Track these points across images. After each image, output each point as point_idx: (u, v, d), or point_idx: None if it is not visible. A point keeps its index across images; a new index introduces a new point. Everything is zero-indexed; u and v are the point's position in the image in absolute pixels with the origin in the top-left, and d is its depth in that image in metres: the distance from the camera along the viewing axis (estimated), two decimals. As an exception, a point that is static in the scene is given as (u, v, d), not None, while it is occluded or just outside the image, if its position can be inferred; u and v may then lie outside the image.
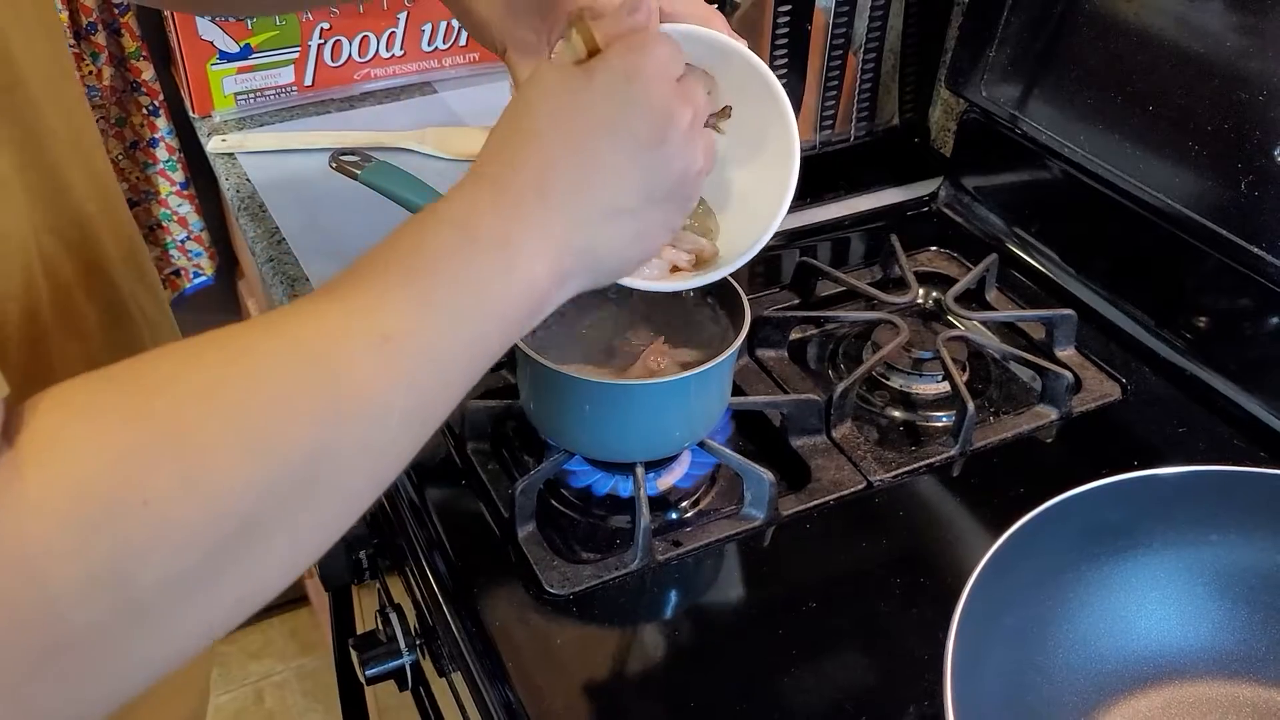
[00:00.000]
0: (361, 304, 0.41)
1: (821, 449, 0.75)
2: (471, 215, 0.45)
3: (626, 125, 0.47)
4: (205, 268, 1.30)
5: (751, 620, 0.64)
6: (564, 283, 0.47)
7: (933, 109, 1.12)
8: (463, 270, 0.43)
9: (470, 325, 0.43)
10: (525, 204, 0.45)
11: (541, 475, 0.69)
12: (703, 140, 0.50)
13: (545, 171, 0.46)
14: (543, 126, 0.47)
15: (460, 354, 0.43)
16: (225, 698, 1.78)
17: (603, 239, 0.48)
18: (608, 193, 0.47)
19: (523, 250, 0.45)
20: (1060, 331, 0.85)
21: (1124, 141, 0.83)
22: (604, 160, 0.47)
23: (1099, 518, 0.55)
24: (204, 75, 1.11)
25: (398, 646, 0.67)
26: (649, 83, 0.47)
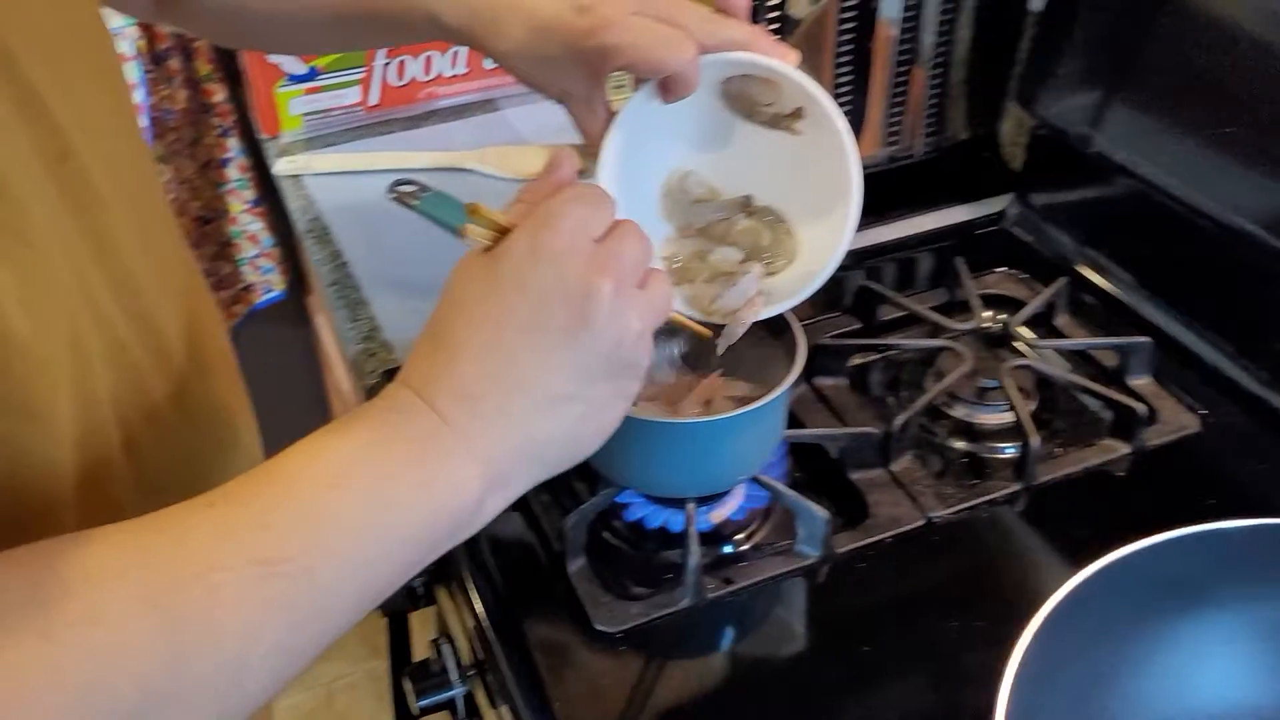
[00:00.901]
0: (242, 521, 0.39)
1: (879, 483, 0.74)
2: (388, 425, 0.44)
3: (542, 314, 0.45)
4: (276, 283, 1.32)
5: (801, 663, 0.63)
6: (503, 485, 0.46)
7: (1003, 123, 1.09)
8: (371, 484, 0.42)
9: (373, 545, 0.42)
10: (445, 412, 0.44)
11: (592, 509, 0.68)
12: (636, 301, 0.47)
13: (465, 375, 0.45)
14: (458, 327, 0.46)
15: (354, 578, 0.41)
16: (300, 697, 1.81)
17: (540, 431, 0.46)
18: (536, 386, 0.45)
19: (444, 461, 0.43)
20: (1134, 359, 0.81)
21: (1204, 160, 0.80)
22: (525, 355, 0.45)
23: (1164, 572, 0.53)
24: (271, 97, 1.13)
25: (448, 678, 0.67)
26: (558, 260, 0.45)
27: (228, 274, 1.31)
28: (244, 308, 1.34)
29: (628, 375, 0.49)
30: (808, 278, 0.63)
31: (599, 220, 0.48)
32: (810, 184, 0.63)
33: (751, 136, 0.64)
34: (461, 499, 0.44)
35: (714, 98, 0.63)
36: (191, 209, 1.24)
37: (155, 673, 0.36)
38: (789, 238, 0.65)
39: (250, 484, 0.41)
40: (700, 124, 0.65)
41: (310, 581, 0.40)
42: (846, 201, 0.60)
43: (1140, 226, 0.89)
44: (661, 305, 0.50)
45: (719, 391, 0.69)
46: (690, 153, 0.66)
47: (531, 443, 0.46)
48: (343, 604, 0.41)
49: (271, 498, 0.40)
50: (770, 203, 0.66)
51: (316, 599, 0.40)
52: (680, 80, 0.58)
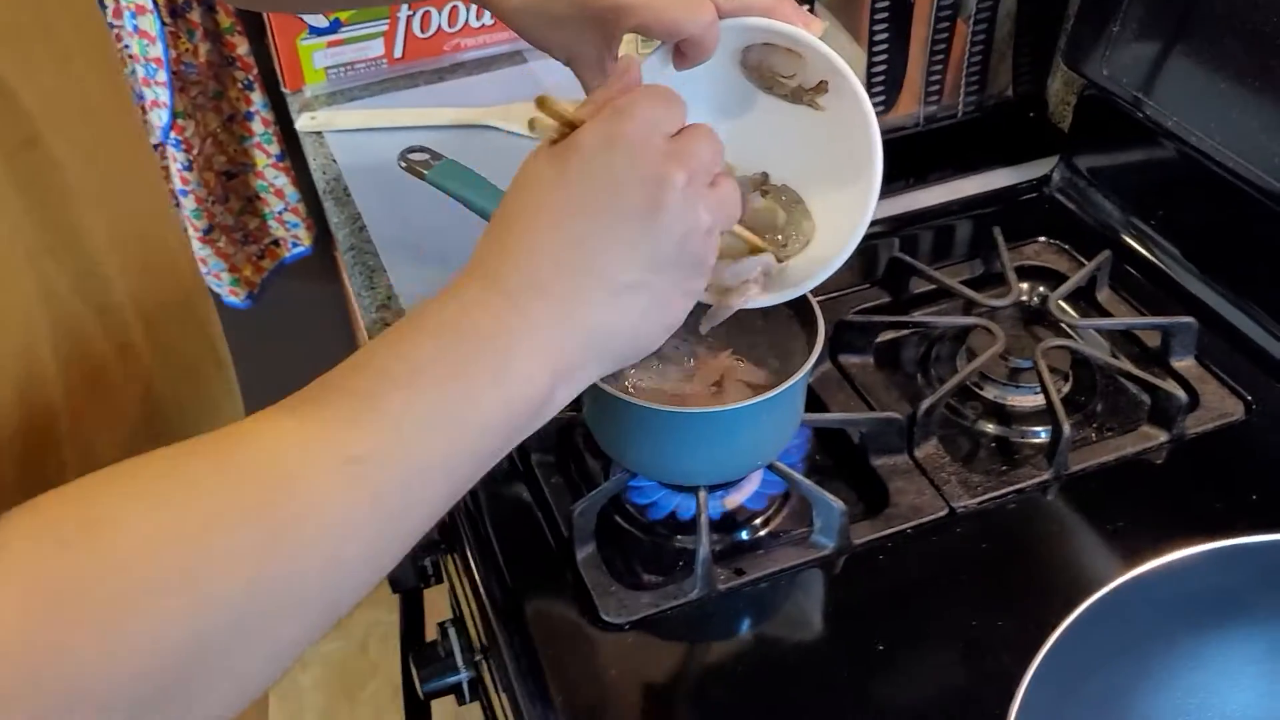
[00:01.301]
0: (325, 421, 0.39)
1: (902, 469, 0.71)
2: (457, 319, 0.43)
3: (612, 199, 0.44)
4: (303, 238, 1.31)
5: (814, 660, 0.61)
6: (571, 377, 0.45)
7: (1051, 80, 1.04)
8: (445, 381, 0.41)
9: (452, 441, 0.41)
10: (515, 302, 0.43)
11: (602, 496, 0.66)
12: (706, 197, 0.47)
13: (533, 263, 0.44)
14: (529, 217, 0.45)
15: (439, 472, 0.41)
16: (331, 646, 1.84)
17: (608, 321, 0.45)
18: (605, 273, 0.45)
19: (514, 353, 0.43)
20: (1178, 341, 0.77)
21: (1261, 131, 0.75)
22: (594, 241, 0.44)
23: (1195, 586, 0.50)
24: (294, 50, 1.11)
25: (455, 662, 0.66)
26: (632, 149, 0.45)
27: (255, 228, 1.30)
28: (271, 262, 1.33)
29: (694, 270, 0.48)
30: (818, 265, 0.60)
31: (672, 119, 0.47)
32: (829, 163, 0.59)
33: (771, 111, 0.61)
34: (533, 390, 0.43)
35: (733, 67, 0.60)
36: (217, 163, 1.23)
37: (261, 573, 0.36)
38: (806, 219, 0.61)
39: (326, 386, 0.41)
40: (717, 94, 0.61)
41: (397, 477, 0.40)
42: (867, 187, 0.57)
43: (1190, 198, 0.84)
44: (731, 206, 0.49)
45: (731, 373, 0.66)
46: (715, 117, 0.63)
47: (599, 332, 0.45)
48: (429, 496, 0.41)
49: (348, 398, 0.40)
50: (787, 181, 0.63)
51: (403, 494, 0.40)
52: (697, 44, 0.54)
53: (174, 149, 1.15)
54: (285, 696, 1.80)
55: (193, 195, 1.19)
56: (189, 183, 1.18)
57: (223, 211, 1.25)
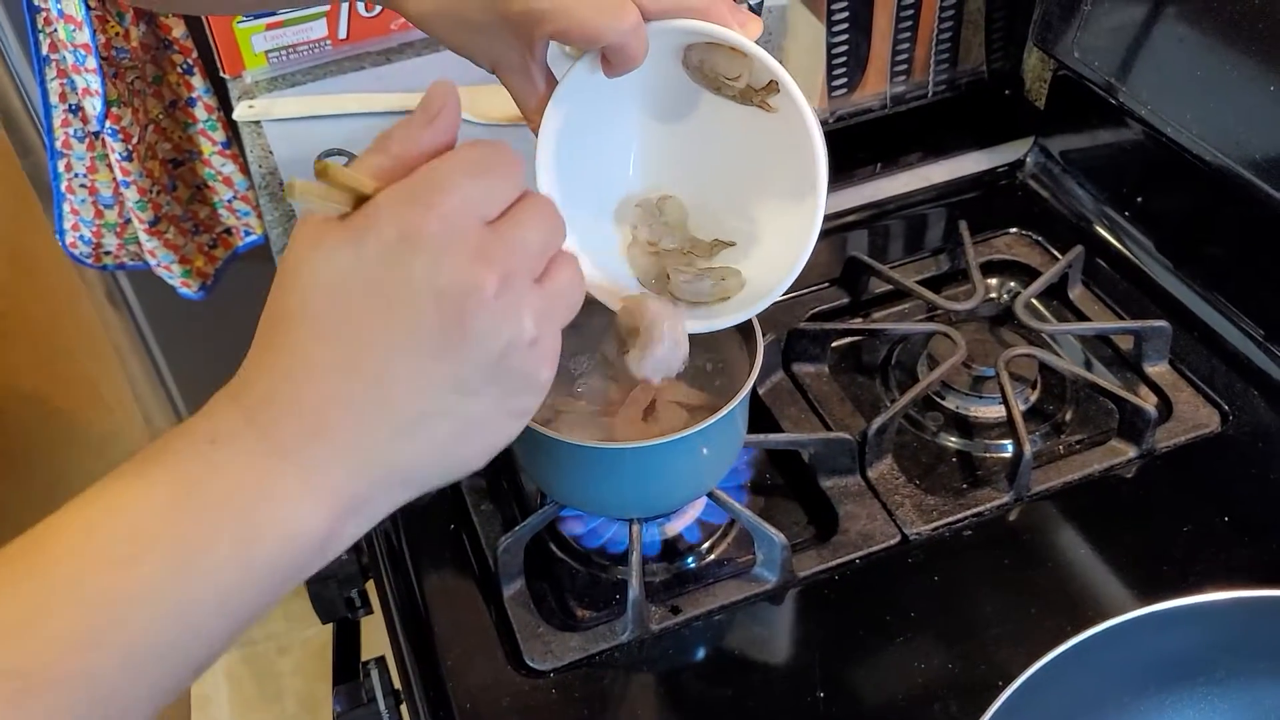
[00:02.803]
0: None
1: (853, 492, 0.67)
2: (207, 461, 0.35)
3: (406, 317, 0.36)
4: (255, 226, 1.26)
5: (750, 711, 0.57)
6: (361, 511, 0.38)
7: (1027, 55, 0.98)
8: (172, 551, 0.34)
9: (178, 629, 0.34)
10: (283, 437, 0.36)
11: (529, 530, 0.62)
12: (531, 300, 0.38)
13: (305, 399, 0.36)
14: (298, 326, 0.37)
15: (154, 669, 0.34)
16: (310, 632, 1.82)
17: (403, 457, 0.38)
18: (397, 406, 0.37)
19: (275, 506, 0.36)
20: (1151, 345, 0.73)
21: (1237, 121, 0.69)
22: (383, 369, 0.36)
23: (1148, 646, 0.46)
24: (231, 34, 1.05)
25: (377, 707, 0.63)
26: (433, 250, 0.36)
27: (205, 217, 1.25)
28: (225, 251, 1.28)
29: (520, 389, 0.39)
30: (763, 282, 0.56)
31: (496, 195, 0.38)
32: (783, 167, 0.55)
33: (719, 113, 0.56)
34: (303, 542, 0.37)
35: (675, 67, 0.55)
36: (161, 150, 1.17)
37: None
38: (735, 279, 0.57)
39: (12, 568, 0.33)
40: (659, 96, 0.56)
41: (86, 689, 0.33)
42: (811, 211, 0.52)
43: (1165, 188, 0.79)
44: (567, 302, 0.40)
45: (664, 394, 0.62)
46: (648, 127, 0.58)
47: (392, 470, 0.38)
48: (140, 698, 0.35)
49: (40, 587, 0.33)
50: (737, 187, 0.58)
51: (98, 705, 0.33)
52: (621, 52, 0.49)
53: (111, 139, 1.10)
54: (264, 682, 1.78)
55: (135, 186, 1.14)
56: (130, 173, 1.13)
57: (170, 201, 1.20)
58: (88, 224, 1.23)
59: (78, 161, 1.17)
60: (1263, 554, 0.62)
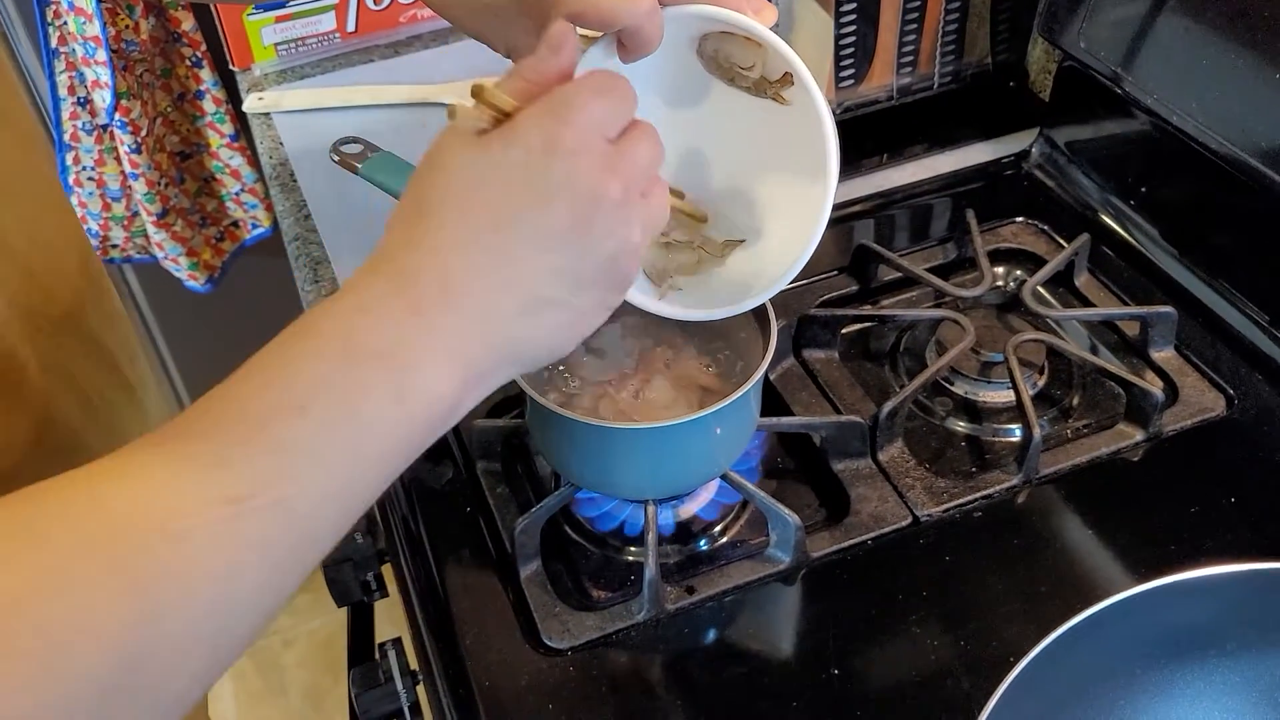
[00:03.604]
0: (197, 458, 0.35)
1: (865, 475, 0.67)
2: (355, 328, 0.39)
3: (542, 210, 0.41)
4: (262, 219, 1.27)
5: (764, 687, 0.58)
6: (480, 383, 0.42)
7: (1032, 47, 0.99)
8: (339, 404, 0.37)
9: (346, 468, 0.38)
10: (421, 309, 0.39)
11: (546, 511, 0.63)
12: (640, 211, 0.44)
13: (448, 263, 0.40)
14: (445, 210, 0.41)
15: (332, 503, 0.38)
16: (315, 624, 1.82)
17: (522, 334, 0.42)
18: (524, 286, 0.41)
19: (419, 366, 0.39)
20: (1157, 331, 0.74)
21: (1242, 109, 0.70)
22: (517, 251, 0.41)
23: (1160, 618, 0.47)
24: (241, 27, 1.06)
25: (395, 687, 0.63)
26: (568, 156, 0.41)
27: (212, 210, 1.26)
28: (232, 244, 1.28)
29: (617, 286, 0.45)
30: (773, 270, 0.56)
31: (616, 117, 0.43)
32: (793, 160, 0.55)
33: (732, 103, 0.56)
34: (438, 403, 0.40)
35: (689, 56, 0.56)
36: (169, 143, 1.18)
37: (129, 639, 0.33)
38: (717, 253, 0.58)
39: (204, 414, 0.37)
40: (672, 84, 0.57)
41: (285, 514, 0.36)
42: (821, 198, 0.53)
43: (1170, 177, 0.80)
44: (660, 217, 0.46)
45: (680, 376, 0.63)
46: (661, 116, 0.59)
47: (511, 343, 0.42)
48: (324, 527, 0.39)
49: (229, 430, 0.36)
50: (749, 177, 0.59)
51: (294, 530, 0.37)
52: (637, 35, 0.50)
53: (121, 131, 1.11)
54: (269, 675, 1.79)
55: (144, 178, 1.15)
56: (139, 165, 1.13)
57: (178, 193, 1.21)
58: (95, 217, 1.23)
59: (86, 154, 1.18)
60: (1268, 534, 0.63)
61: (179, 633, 0.34)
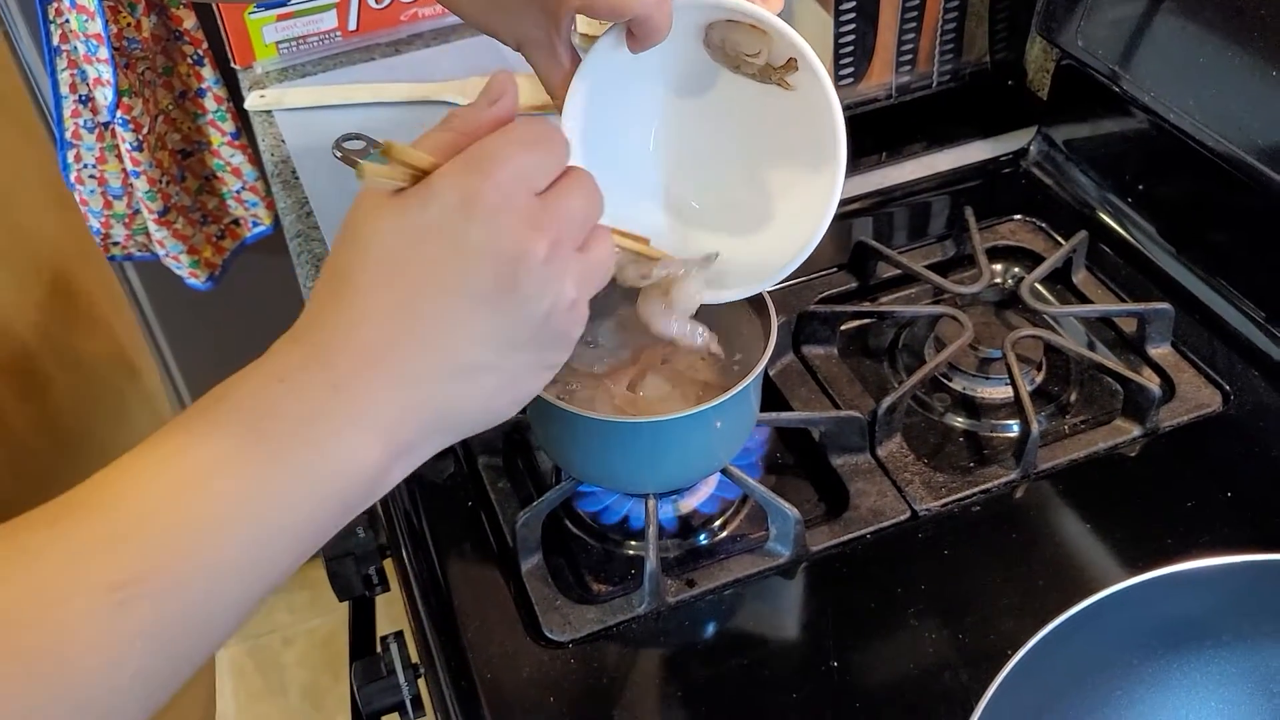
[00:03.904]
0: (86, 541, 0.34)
1: (864, 469, 0.68)
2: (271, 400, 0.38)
3: (463, 275, 0.39)
4: (263, 217, 1.27)
5: (764, 680, 0.58)
6: (408, 454, 0.40)
7: (1030, 46, 0.99)
8: (245, 476, 0.36)
9: (251, 546, 0.37)
10: (342, 378, 0.38)
11: (547, 505, 0.63)
12: (573, 267, 0.41)
13: (367, 336, 0.39)
14: (362, 279, 0.39)
15: (232, 582, 0.36)
16: (315, 623, 1.83)
17: (452, 402, 0.41)
18: (449, 353, 0.40)
19: (335, 440, 0.38)
20: (1154, 327, 0.74)
21: (1240, 107, 0.71)
22: (440, 318, 0.39)
23: (1156, 609, 0.47)
24: (243, 25, 1.06)
25: (397, 680, 0.64)
26: (489, 217, 0.39)
27: (213, 208, 1.26)
28: (233, 242, 1.29)
29: (555, 346, 0.43)
30: (779, 256, 0.57)
31: (545, 169, 0.41)
32: (800, 146, 0.56)
33: (739, 91, 0.57)
34: (357, 476, 0.39)
35: (696, 45, 0.56)
36: (171, 141, 1.18)
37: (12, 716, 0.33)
38: None
39: (101, 490, 0.36)
40: (679, 73, 0.58)
41: (177, 600, 0.35)
42: (830, 184, 0.53)
43: (1168, 175, 0.80)
44: (601, 270, 0.44)
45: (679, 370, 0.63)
46: (669, 105, 0.59)
47: (440, 413, 0.41)
48: (221, 612, 0.37)
49: (125, 508, 0.35)
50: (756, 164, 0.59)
51: (187, 617, 0.36)
52: (646, 25, 0.50)
53: (122, 129, 1.11)
54: (268, 673, 1.79)
55: (145, 176, 1.15)
56: (140, 163, 1.14)
57: (179, 191, 1.21)
58: (96, 214, 1.24)
59: (87, 152, 1.18)
60: (1264, 529, 0.63)
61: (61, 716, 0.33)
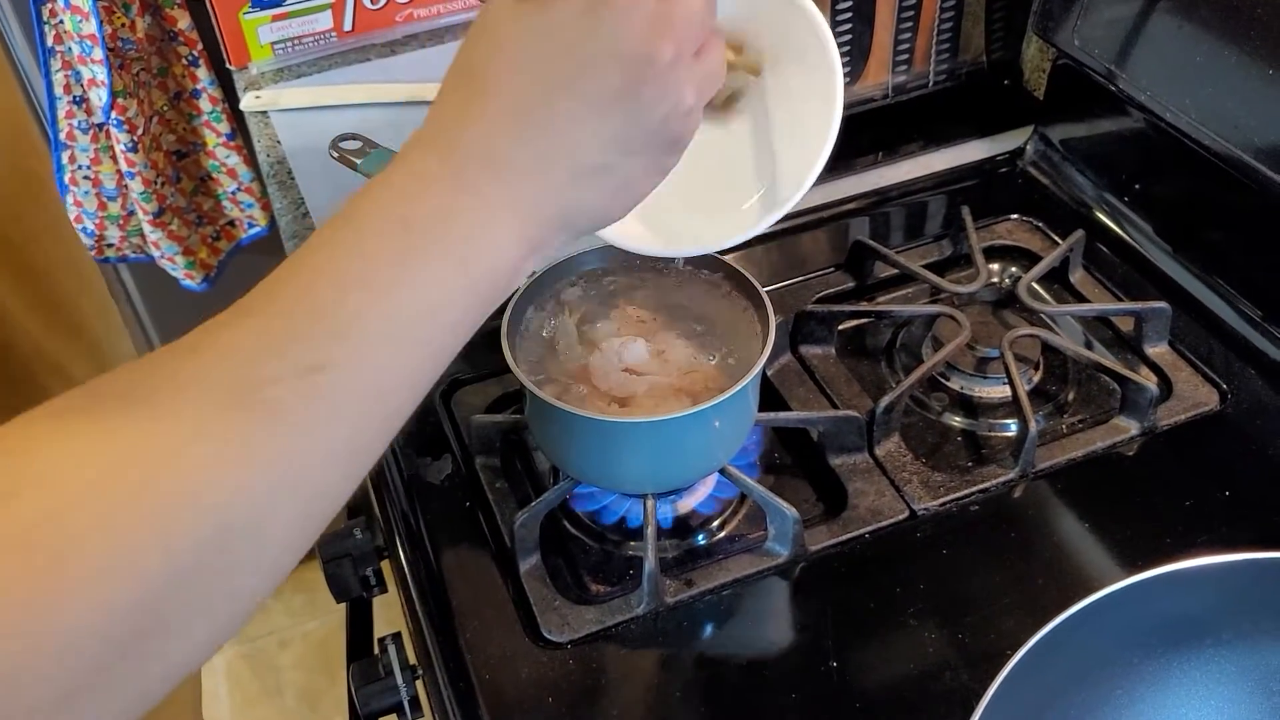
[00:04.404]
0: (281, 329, 0.36)
1: (862, 469, 0.68)
2: (413, 199, 0.39)
3: (592, 72, 0.40)
4: (259, 218, 1.26)
5: (763, 680, 0.58)
6: (538, 249, 0.42)
7: (1026, 45, 0.99)
8: (403, 273, 0.38)
9: (416, 334, 0.38)
10: (476, 178, 0.39)
11: (545, 505, 0.63)
12: (693, 72, 0.42)
13: (498, 136, 0.40)
14: (492, 79, 0.40)
15: (407, 368, 0.38)
16: (311, 625, 1.82)
17: (574, 201, 0.42)
18: (574, 155, 0.41)
19: (478, 236, 0.39)
20: (1151, 326, 0.74)
21: (1235, 106, 0.71)
22: (567, 116, 0.40)
23: (1156, 608, 0.47)
24: (237, 25, 1.06)
25: (395, 681, 0.64)
26: (618, 16, 0.40)
27: (209, 209, 1.25)
28: (228, 243, 1.28)
29: (670, 150, 0.44)
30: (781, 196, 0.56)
31: None
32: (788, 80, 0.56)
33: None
34: (500, 269, 0.41)
35: None
36: (166, 142, 1.18)
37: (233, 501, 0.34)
38: None
39: (275, 294, 0.37)
40: None
41: (361, 380, 0.37)
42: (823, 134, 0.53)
43: (1164, 174, 0.80)
44: (715, 77, 0.45)
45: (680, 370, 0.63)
46: None
47: (564, 211, 0.42)
48: (399, 390, 0.39)
49: (301, 305, 0.37)
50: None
51: (371, 394, 0.38)
52: None
53: (117, 130, 1.10)
54: (264, 676, 1.78)
55: (140, 177, 1.14)
56: (135, 164, 1.13)
57: (174, 192, 1.21)
58: (90, 216, 1.23)
59: (81, 153, 1.17)
60: (1262, 527, 0.63)
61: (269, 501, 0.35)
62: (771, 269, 0.82)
